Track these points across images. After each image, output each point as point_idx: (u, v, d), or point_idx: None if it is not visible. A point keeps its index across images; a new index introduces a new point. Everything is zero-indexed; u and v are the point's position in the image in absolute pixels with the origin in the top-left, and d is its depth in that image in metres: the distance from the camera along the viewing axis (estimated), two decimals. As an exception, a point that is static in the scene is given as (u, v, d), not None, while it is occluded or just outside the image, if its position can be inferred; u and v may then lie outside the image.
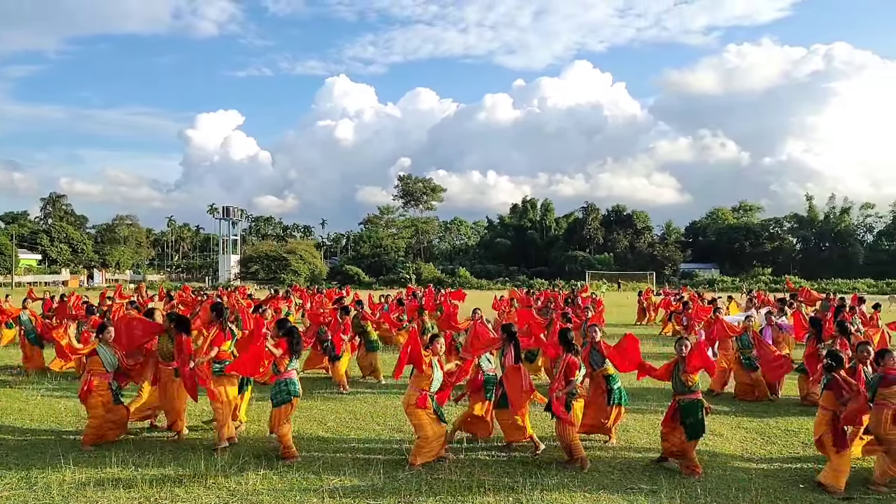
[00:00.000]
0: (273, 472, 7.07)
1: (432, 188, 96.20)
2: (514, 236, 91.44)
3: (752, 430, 8.96)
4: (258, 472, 7.03)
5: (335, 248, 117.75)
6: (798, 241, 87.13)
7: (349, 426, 9.18)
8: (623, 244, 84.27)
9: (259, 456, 7.61)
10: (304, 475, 6.96)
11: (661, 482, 6.82)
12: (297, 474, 6.99)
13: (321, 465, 7.32)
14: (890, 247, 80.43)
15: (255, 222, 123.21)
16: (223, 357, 8.23)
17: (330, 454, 7.74)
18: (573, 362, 7.47)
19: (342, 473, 7.01)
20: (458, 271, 78.29)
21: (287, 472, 7.03)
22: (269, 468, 7.18)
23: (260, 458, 7.51)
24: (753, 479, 6.90)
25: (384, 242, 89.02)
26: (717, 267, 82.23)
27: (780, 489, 6.66)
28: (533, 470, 7.13)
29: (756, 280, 67.50)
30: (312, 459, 7.51)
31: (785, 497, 6.43)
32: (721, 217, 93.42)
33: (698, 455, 7.75)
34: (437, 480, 6.78)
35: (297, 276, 74.16)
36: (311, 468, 7.20)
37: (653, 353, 16.62)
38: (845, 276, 70.09)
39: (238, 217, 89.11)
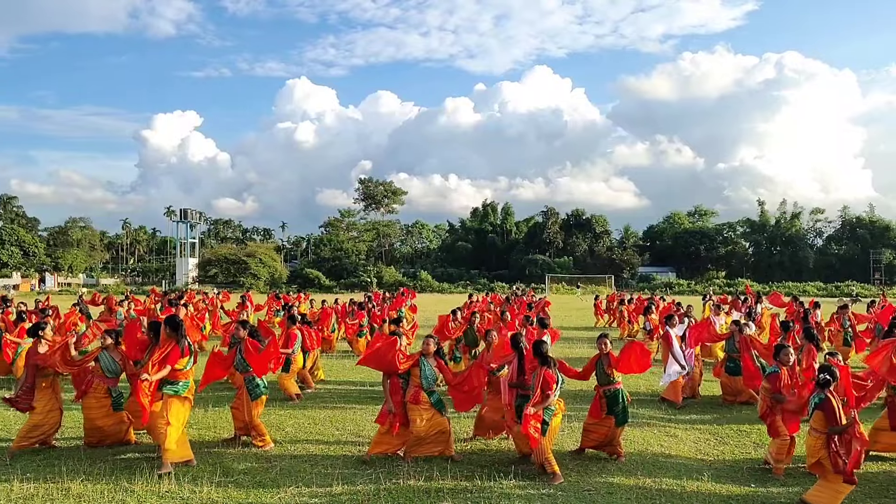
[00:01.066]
0: (228, 479, 6.94)
1: (393, 191, 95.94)
2: (475, 240, 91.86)
3: (705, 431, 9.15)
4: (213, 480, 6.89)
5: (295, 252, 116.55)
6: (750, 245, 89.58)
7: (308, 432, 9.08)
8: (582, 248, 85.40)
9: (214, 464, 7.47)
10: (260, 482, 6.86)
11: (617, 483, 6.91)
12: (254, 481, 6.88)
13: (278, 472, 7.22)
14: (839, 251, 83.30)
15: (213, 225, 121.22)
16: (179, 377, 7.52)
17: (287, 461, 7.64)
18: (550, 376, 7.08)
19: (299, 480, 6.92)
20: (420, 275, 78.26)
21: (242, 480, 6.92)
22: (224, 475, 7.06)
23: (215, 466, 7.37)
24: (706, 478, 7.05)
25: (345, 246, 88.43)
26: (673, 270, 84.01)
27: (733, 487, 6.80)
28: (492, 473, 7.14)
29: (710, 283, 69.04)
30: (269, 467, 7.41)
31: (737, 496, 6.58)
32: (677, 221, 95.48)
33: (652, 455, 7.91)
34: (396, 486, 6.75)
35: (256, 280, 73.17)
36: (268, 475, 7.10)
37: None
38: (796, 280, 72.38)
39: (196, 220, 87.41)
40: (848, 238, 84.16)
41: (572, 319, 28.95)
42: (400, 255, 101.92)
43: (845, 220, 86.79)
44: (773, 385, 7.29)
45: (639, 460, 7.75)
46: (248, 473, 7.16)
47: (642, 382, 12.90)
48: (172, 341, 7.51)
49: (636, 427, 9.32)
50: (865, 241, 79.84)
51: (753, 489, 6.78)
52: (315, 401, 11.14)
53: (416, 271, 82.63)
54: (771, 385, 7.31)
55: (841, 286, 65.42)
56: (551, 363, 7.20)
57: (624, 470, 7.37)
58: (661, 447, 8.33)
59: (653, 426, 9.42)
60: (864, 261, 75.91)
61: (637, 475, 7.18)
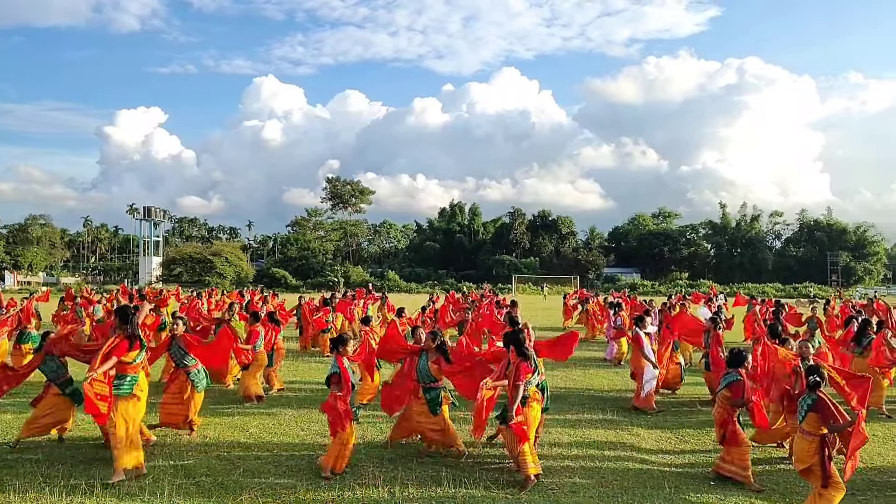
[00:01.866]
0: (190, 480, 6.87)
1: (361, 191, 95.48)
2: (442, 240, 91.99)
3: (666, 429, 9.31)
4: (174, 482, 6.81)
5: (262, 251, 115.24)
6: (712, 246, 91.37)
7: (272, 432, 9.00)
8: (549, 249, 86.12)
9: (175, 465, 7.37)
10: (222, 483, 6.79)
11: (580, 481, 7.01)
12: (216, 483, 6.82)
13: (241, 472, 7.16)
14: (797, 253, 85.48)
15: (178, 223, 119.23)
16: (127, 371, 7.10)
17: (251, 462, 7.57)
18: (525, 369, 6.95)
19: (263, 482, 6.87)
20: (388, 274, 78.08)
21: (204, 482, 6.85)
22: (185, 477, 6.97)
23: (177, 467, 7.28)
24: (667, 476, 7.19)
25: (312, 245, 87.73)
26: (637, 271, 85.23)
27: (693, 485, 6.95)
28: (457, 473, 7.19)
29: (674, 284, 70.21)
30: (233, 467, 7.34)
31: (697, 492, 6.73)
32: (642, 223, 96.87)
33: (615, 451, 8.03)
34: (360, 486, 6.75)
35: (222, 279, 72.21)
36: (231, 476, 7.03)
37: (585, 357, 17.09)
38: (755, 281, 74.03)
39: (160, 218, 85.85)
40: (806, 240, 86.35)
41: (539, 319, 29.11)
42: (367, 255, 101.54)
43: (803, 223, 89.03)
44: (734, 393, 7.13)
45: (601, 459, 7.86)
46: (210, 475, 7.08)
47: (606, 382, 13.10)
48: (121, 333, 7.16)
49: (599, 427, 9.46)
50: (823, 244, 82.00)
51: (712, 486, 6.94)
52: (280, 401, 11.05)
53: (383, 271, 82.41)
54: (732, 393, 7.15)
55: (799, 287, 67.18)
56: (528, 357, 7.06)
57: (588, 469, 7.47)
58: (625, 444, 8.47)
59: (616, 425, 9.56)
60: (821, 263, 77.94)
61: (600, 474, 7.29)
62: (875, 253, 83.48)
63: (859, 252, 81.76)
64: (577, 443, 8.59)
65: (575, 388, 12.56)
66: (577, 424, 9.57)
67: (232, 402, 10.77)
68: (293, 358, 15.78)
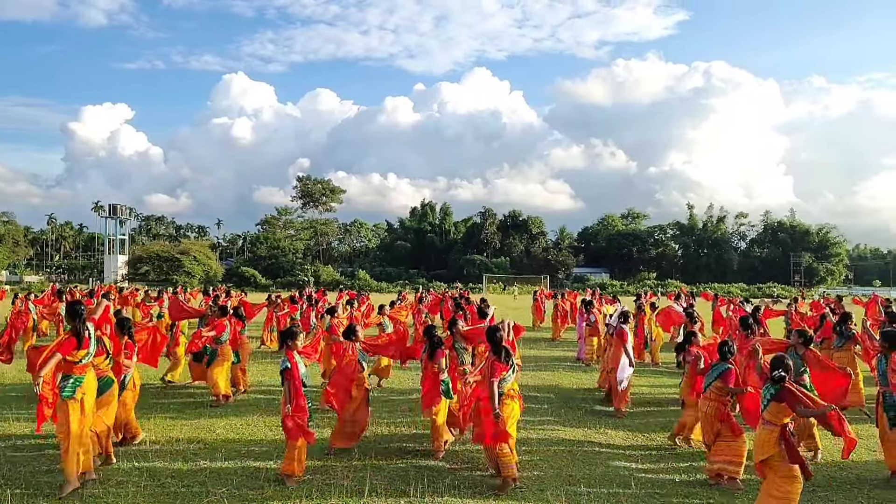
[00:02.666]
0: (155, 482, 6.76)
1: (332, 190, 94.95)
2: (413, 239, 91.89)
3: (634, 429, 9.42)
4: (139, 484, 6.70)
5: (231, 250, 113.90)
6: (680, 247, 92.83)
7: (240, 433, 8.90)
8: (519, 248, 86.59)
9: (140, 467, 7.25)
10: (188, 486, 6.70)
11: (547, 481, 7.07)
12: (182, 485, 6.73)
13: (208, 473, 7.08)
14: (761, 254, 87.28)
15: (145, 221, 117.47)
16: (73, 371, 6.58)
17: (218, 464, 7.48)
18: (499, 367, 6.81)
19: (230, 484, 6.79)
20: (358, 274, 77.80)
21: (170, 484, 6.75)
22: (150, 478, 6.87)
23: (142, 469, 7.17)
24: (634, 476, 7.27)
25: (282, 244, 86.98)
26: (606, 271, 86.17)
27: (658, 483, 7.04)
28: (426, 473, 7.20)
29: (642, 284, 71.10)
30: (199, 469, 7.25)
31: (662, 491, 6.82)
32: (611, 223, 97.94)
33: (582, 449, 8.10)
34: (328, 486, 6.72)
35: (190, 278, 71.22)
36: (197, 478, 6.94)
37: (554, 356, 17.23)
38: (720, 281, 75.44)
39: (126, 215, 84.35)
40: (770, 241, 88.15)
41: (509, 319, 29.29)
42: (338, 254, 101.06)
43: (767, 224, 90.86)
44: (727, 381, 7.11)
45: (569, 458, 7.93)
46: (175, 476, 6.98)
47: (574, 381, 13.22)
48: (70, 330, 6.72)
49: (567, 425, 9.55)
50: (786, 245, 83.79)
51: (678, 485, 7.05)
52: (248, 401, 10.94)
53: (354, 270, 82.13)
54: (726, 382, 7.12)
55: (763, 287, 68.59)
56: (503, 353, 6.91)
57: (555, 467, 7.53)
58: (591, 444, 8.55)
59: (584, 424, 9.65)
60: (784, 263, 79.64)
61: (567, 472, 7.35)
62: (837, 254, 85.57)
63: (821, 253, 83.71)
64: (545, 441, 8.66)
65: (543, 386, 12.65)
66: (545, 423, 9.65)
67: (199, 404, 10.64)
68: (263, 357, 15.63)
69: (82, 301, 7.70)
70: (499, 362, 6.86)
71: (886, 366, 7.15)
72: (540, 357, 16.83)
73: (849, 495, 6.80)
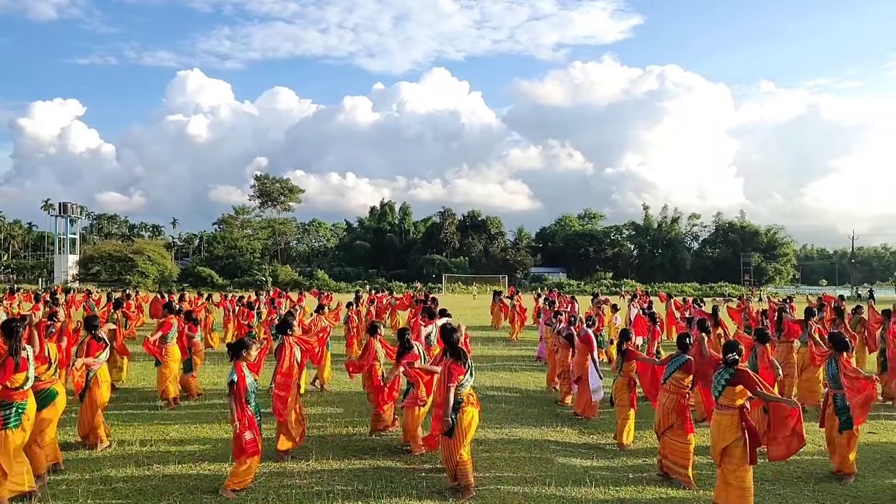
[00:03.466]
0: (107, 486, 6.64)
1: (290, 189, 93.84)
2: (373, 239, 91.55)
3: (590, 427, 9.58)
4: (90, 489, 6.57)
5: (187, 249, 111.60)
6: (635, 247, 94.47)
7: (193, 436, 8.78)
8: (478, 248, 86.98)
9: (92, 472, 7.10)
10: (141, 490, 6.59)
11: (504, 480, 7.15)
12: (134, 489, 6.61)
13: (161, 478, 6.96)
14: (713, 254, 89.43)
15: (96, 220, 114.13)
16: (12, 398, 6.10)
17: (171, 467, 7.38)
18: (457, 369, 6.63)
19: (183, 487, 6.70)
20: (317, 273, 77.11)
21: (122, 488, 6.62)
22: (102, 483, 6.73)
23: (93, 474, 7.01)
24: (589, 473, 7.42)
25: (239, 244, 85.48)
26: (564, 271, 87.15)
27: (613, 480, 7.19)
28: (384, 473, 7.22)
29: (598, 284, 72.18)
30: (152, 473, 7.13)
31: (616, 487, 6.97)
32: (568, 224, 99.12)
33: (540, 448, 8.22)
34: (285, 487, 6.69)
35: (144, 278, 69.55)
36: (150, 481, 6.83)
37: (513, 356, 17.37)
38: (674, 281, 77.12)
39: (77, 214, 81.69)
40: (721, 242, 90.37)
41: (467, 319, 29.41)
42: (296, 254, 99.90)
43: (719, 225, 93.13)
44: (687, 371, 7.28)
45: (526, 457, 8.03)
46: (128, 481, 6.86)
47: (532, 380, 13.38)
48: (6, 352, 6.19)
49: (525, 425, 9.67)
50: (736, 245, 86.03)
51: (632, 480, 7.22)
52: (202, 405, 10.79)
53: (312, 270, 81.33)
54: (686, 372, 7.28)
55: (714, 287, 70.33)
56: (461, 355, 6.71)
57: (512, 466, 7.63)
58: (549, 441, 8.68)
59: (541, 423, 9.79)
60: (734, 263, 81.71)
61: (525, 471, 7.46)
62: (785, 254, 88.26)
63: (770, 253, 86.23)
64: (503, 440, 8.76)
65: (502, 386, 12.77)
66: (503, 423, 9.75)
67: (151, 407, 10.46)
68: (217, 361, 15.40)
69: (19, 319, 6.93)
70: (456, 365, 6.62)
71: (837, 369, 7.37)
72: (498, 356, 16.98)
73: (796, 489, 7.05)
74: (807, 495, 6.86)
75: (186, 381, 11.26)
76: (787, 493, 6.90)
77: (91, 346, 8.18)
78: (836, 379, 7.36)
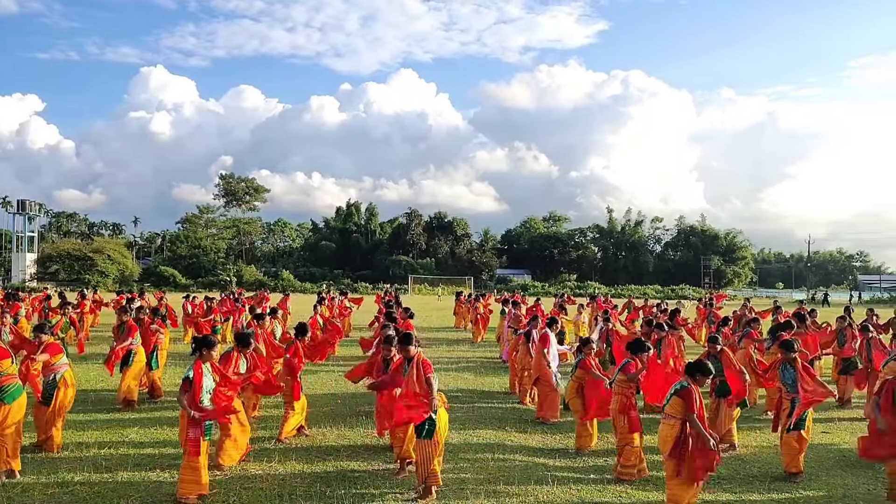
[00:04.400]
0: (64, 489, 6.51)
1: (255, 188, 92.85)
2: (339, 239, 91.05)
3: (551, 429, 9.70)
4: (46, 492, 6.44)
5: (149, 248, 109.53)
6: (599, 249, 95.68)
7: (152, 438, 8.66)
8: (444, 250, 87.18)
9: (49, 475, 6.95)
10: (99, 493, 6.49)
11: (467, 480, 7.23)
12: (92, 492, 6.50)
13: (119, 480, 6.86)
14: (675, 257, 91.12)
15: (55, 218, 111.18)
16: None
17: (130, 469, 7.27)
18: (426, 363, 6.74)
19: (142, 490, 6.62)
20: (282, 274, 76.41)
21: (80, 491, 6.51)
22: (58, 486, 6.60)
23: (50, 476, 6.87)
24: (551, 473, 7.52)
25: (203, 243, 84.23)
26: (529, 273, 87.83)
27: (574, 480, 7.31)
28: (347, 475, 7.23)
29: (563, 285, 72.93)
30: (110, 476, 7.02)
31: (577, 487, 7.10)
32: (533, 226, 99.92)
33: (502, 449, 8.32)
34: (247, 490, 6.66)
35: (104, 278, 68.08)
36: (108, 485, 6.73)
37: (476, 357, 17.47)
38: (637, 283, 78.28)
39: (35, 211, 79.51)
40: (683, 245, 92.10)
41: (433, 320, 29.50)
42: (261, 254, 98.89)
43: (681, 228, 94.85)
44: (627, 371, 7.52)
45: (489, 457, 8.12)
46: (86, 484, 6.76)
47: (496, 382, 13.49)
48: None
49: (489, 427, 9.76)
50: (697, 248, 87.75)
51: (593, 480, 7.35)
52: (161, 406, 10.64)
53: (277, 270, 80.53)
54: (626, 371, 7.53)
55: (676, 289, 71.68)
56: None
57: (475, 467, 7.71)
58: (511, 442, 8.78)
59: (504, 424, 9.89)
60: (695, 266, 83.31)
61: (487, 471, 7.53)
62: (743, 257, 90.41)
63: (729, 256, 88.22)
64: (466, 442, 8.83)
65: (466, 388, 12.86)
66: (467, 424, 9.82)
67: (110, 410, 10.29)
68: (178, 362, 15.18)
69: None
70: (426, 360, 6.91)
71: (795, 373, 7.50)
72: (462, 358, 17.06)
73: (751, 487, 7.26)
74: (762, 493, 7.07)
75: (151, 379, 11.13)
76: (742, 492, 7.10)
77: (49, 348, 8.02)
78: (795, 384, 7.47)
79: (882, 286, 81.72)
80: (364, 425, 9.47)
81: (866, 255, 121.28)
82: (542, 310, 17.44)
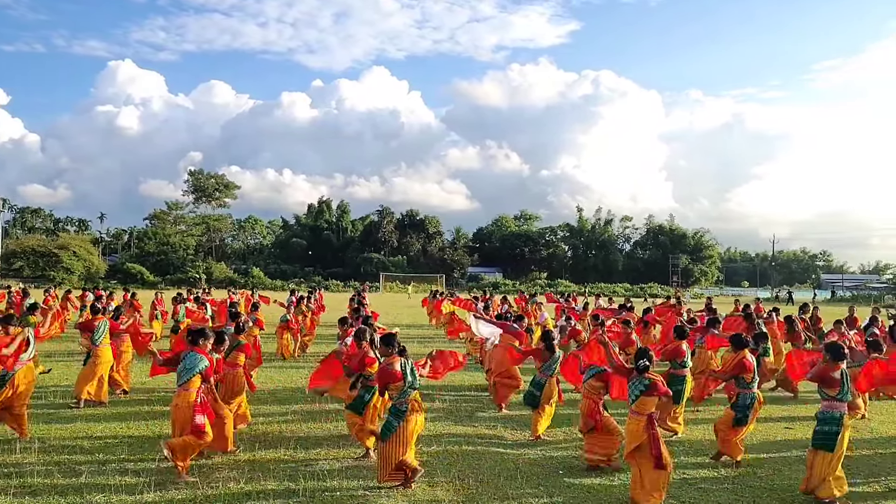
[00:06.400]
0: (25, 489, 6.34)
1: (225, 185, 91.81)
2: (310, 237, 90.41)
3: (521, 424, 9.70)
4: (9, 491, 6.27)
5: (116, 245, 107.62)
6: (569, 248, 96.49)
7: (117, 435, 8.49)
8: (416, 248, 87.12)
9: (10, 474, 6.77)
10: (62, 492, 6.33)
11: (436, 475, 7.21)
12: (55, 491, 6.34)
13: (84, 480, 6.70)
14: (644, 255, 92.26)
15: (19, 214, 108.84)
16: None
17: (95, 467, 7.12)
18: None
19: (108, 489, 6.47)
20: (252, 271, 75.67)
21: (41, 488, 6.35)
22: (22, 486, 6.43)
23: (10, 474, 6.70)
24: (520, 468, 7.55)
25: (172, 240, 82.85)
26: (500, 271, 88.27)
27: (543, 475, 7.34)
28: (317, 472, 7.16)
29: (533, 284, 73.36)
30: (75, 473, 6.87)
31: (546, 483, 7.12)
32: (504, 224, 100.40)
33: (472, 445, 8.32)
34: (213, 489, 6.56)
35: (69, 275, 66.69)
36: (73, 485, 6.58)
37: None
38: (607, 281, 79.13)
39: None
40: (651, 244, 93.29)
41: (403, 317, 29.44)
42: (231, 251, 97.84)
43: (650, 227, 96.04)
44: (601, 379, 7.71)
45: (459, 452, 8.12)
46: (50, 481, 6.60)
47: (467, 378, 13.49)
48: None
49: (460, 423, 9.78)
50: (666, 247, 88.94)
51: (561, 476, 7.38)
52: (126, 403, 10.44)
53: (247, 268, 79.75)
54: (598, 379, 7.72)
55: (645, 287, 72.65)
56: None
57: (445, 463, 7.69)
58: (483, 438, 8.80)
59: (475, 420, 9.94)
60: (664, 265, 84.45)
61: (458, 467, 7.53)
62: (710, 256, 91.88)
63: (697, 255, 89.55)
64: (437, 436, 8.83)
65: (437, 384, 12.80)
66: (438, 419, 9.83)
67: (74, 406, 10.06)
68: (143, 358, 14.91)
69: None
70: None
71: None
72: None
73: (715, 482, 7.37)
74: (726, 487, 7.16)
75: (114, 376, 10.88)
76: (707, 486, 7.19)
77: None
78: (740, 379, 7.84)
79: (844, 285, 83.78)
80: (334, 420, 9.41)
81: (829, 254, 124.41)
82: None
